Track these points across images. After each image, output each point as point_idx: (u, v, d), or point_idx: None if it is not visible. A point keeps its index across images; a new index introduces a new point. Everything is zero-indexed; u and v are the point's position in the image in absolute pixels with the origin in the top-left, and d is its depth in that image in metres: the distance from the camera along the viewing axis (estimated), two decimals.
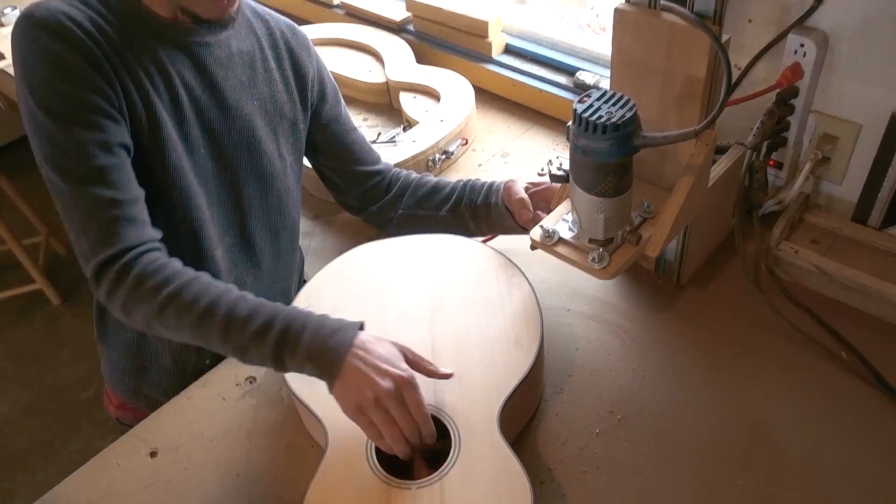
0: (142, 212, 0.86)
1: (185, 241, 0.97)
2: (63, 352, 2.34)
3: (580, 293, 1.06)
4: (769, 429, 0.88)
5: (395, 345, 0.80)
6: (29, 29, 0.82)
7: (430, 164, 1.30)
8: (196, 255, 0.98)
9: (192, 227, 0.96)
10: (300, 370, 0.79)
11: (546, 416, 0.91)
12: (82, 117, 0.82)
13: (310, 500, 0.76)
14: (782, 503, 0.81)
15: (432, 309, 0.94)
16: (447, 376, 0.83)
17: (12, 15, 1.93)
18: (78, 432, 2.11)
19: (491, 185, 1.07)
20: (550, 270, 1.09)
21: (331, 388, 0.78)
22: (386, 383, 0.75)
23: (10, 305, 2.50)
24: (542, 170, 1.26)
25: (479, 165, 1.34)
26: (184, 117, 0.92)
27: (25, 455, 2.07)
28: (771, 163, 1.07)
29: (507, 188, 1.03)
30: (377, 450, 0.80)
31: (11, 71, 1.73)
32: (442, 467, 0.77)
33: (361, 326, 0.81)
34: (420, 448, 0.79)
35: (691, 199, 0.88)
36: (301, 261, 1.18)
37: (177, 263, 0.86)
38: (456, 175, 1.32)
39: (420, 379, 0.79)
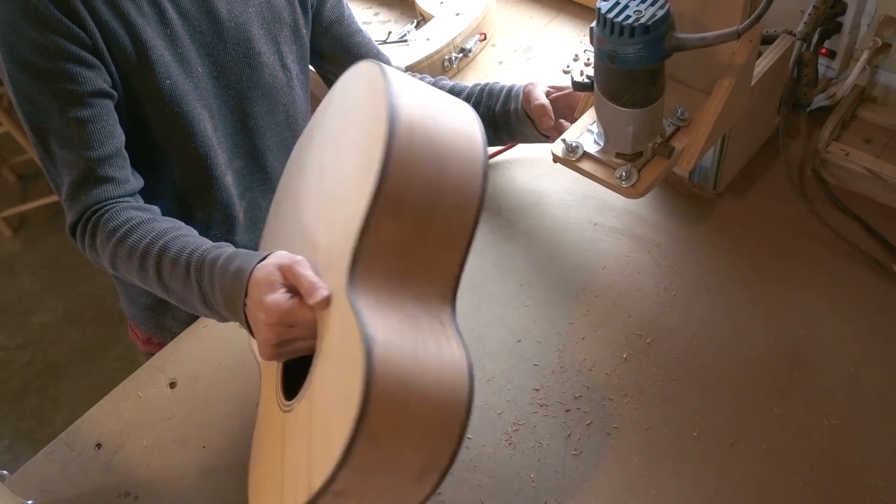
0: (114, 167, 0.83)
1: (192, 169, 0.92)
2: None
3: (608, 205, 0.99)
4: (810, 351, 0.82)
5: (275, 267, 0.69)
6: None
7: (445, 64, 1.20)
8: (206, 184, 0.94)
9: (199, 155, 0.91)
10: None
11: (571, 340, 0.87)
12: (52, 68, 0.78)
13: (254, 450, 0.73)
14: (821, 433, 0.77)
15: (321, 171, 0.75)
16: (324, 301, 0.64)
17: None
18: (116, 340, 2.16)
19: (510, 89, 0.98)
20: (575, 180, 1.01)
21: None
22: (266, 330, 0.68)
23: (40, 215, 2.51)
24: (567, 67, 1.16)
25: (500, 63, 1.24)
26: (175, 36, 0.85)
27: (68, 363, 2.14)
28: (823, 51, 0.96)
29: (527, 93, 0.94)
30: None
31: None
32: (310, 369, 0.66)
33: (252, 270, 0.70)
34: None
35: (731, 103, 0.79)
36: None
37: (134, 212, 0.82)
38: (474, 75, 1.23)
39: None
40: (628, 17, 0.68)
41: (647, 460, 0.77)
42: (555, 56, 1.22)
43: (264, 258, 0.71)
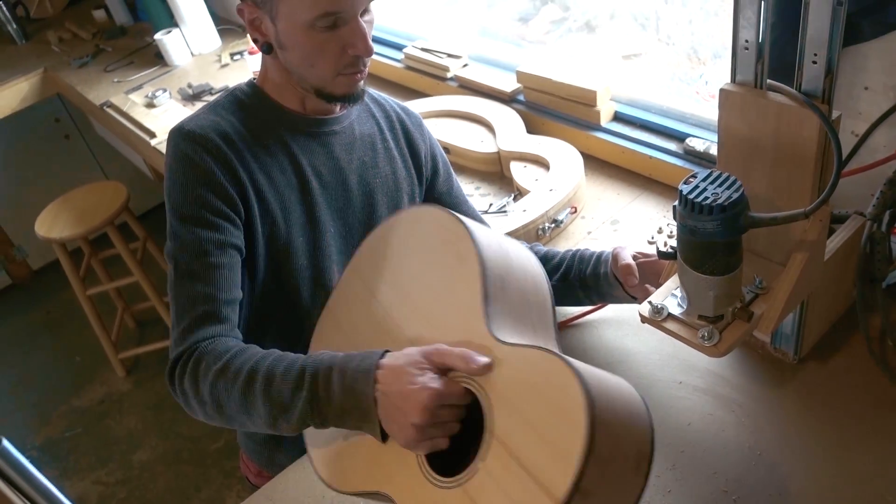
0: (232, 312, 0.91)
1: (315, 314, 1.03)
2: None
3: (692, 365, 1.05)
4: None
5: (417, 354, 0.76)
6: (177, 138, 0.94)
7: (539, 232, 1.33)
8: (299, 333, 1.03)
9: (323, 300, 1.02)
10: (339, 423, 0.80)
11: (657, 493, 0.90)
12: (203, 217, 0.91)
13: None
14: None
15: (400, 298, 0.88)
16: (487, 364, 0.72)
17: (163, 97, 2.14)
18: (208, 481, 2.24)
19: (600, 255, 1.08)
20: (661, 341, 1.08)
21: (382, 438, 0.78)
22: (418, 416, 0.72)
23: (152, 358, 2.71)
24: (652, 238, 1.26)
25: (589, 233, 1.36)
26: (314, 201, 1.00)
27: (160, 500, 2.22)
28: (894, 231, 1.03)
29: (615, 255, 1.04)
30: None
31: (162, 148, 1.93)
32: (487, 427, 0.71)
33: (378, 362, 0.77)
34: None
35: (806, 274, 0.86)
36: None
37: (237, 341, 0.89)
38: (565, 243, 1.35)
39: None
40: (707, 198, 0.77)
41: None
42: (640, 228, 1.34)
43: (384, 353, 0.78)
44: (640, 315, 0.92)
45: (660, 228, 1.28)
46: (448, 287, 0.82)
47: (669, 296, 0.92)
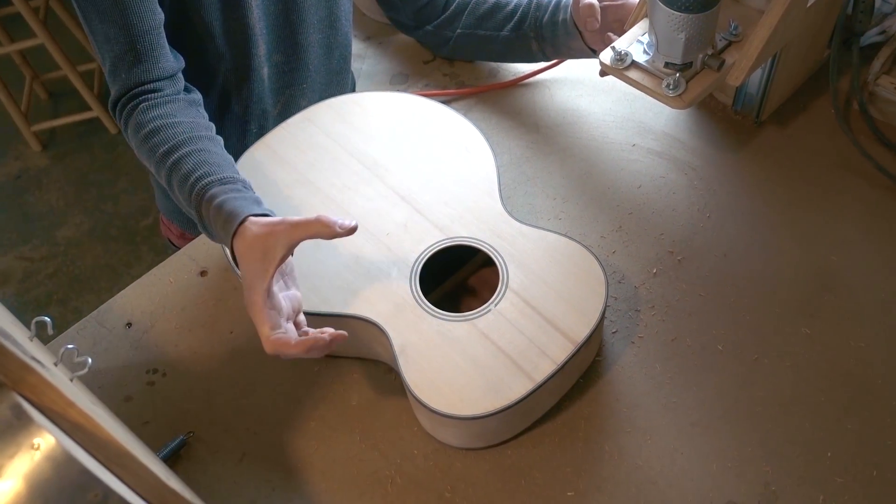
0: (153, 45, 0.81)
1: (232, 58, 0.92)
2: (121, 180, 2.38)
3: (648, 128, 0.98)
4: (842, 276, 0.82)
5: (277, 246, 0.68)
6: None
7: None
8: (244, 74, 0.94)
9: (239, 43, 0.91)
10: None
11: (601, 253, 0.87)
12: None
13: (412, 378, 0.72)
14: (847, 354, 0.77)
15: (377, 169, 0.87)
16: (351, 229, 0.69)
17: None
18: (139, 258, 2.18)
19: (559, 0, 0.97)
20: (617, 102, 1.01)
21: None
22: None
23: (69, 132, 2.52)
24: None
25: None
26: None
27: (90, 277, 2.17)
28: None
29: None
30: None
31: None
32: (501, 279, 0.77)
33: (238, 227, 0.70)
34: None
35: (786, 21, 0.78)
36: (353, 84, 1.12)
37: (165, 107, 0.81)
38: None
39: (404, 216, 0.80)
40: None
41: (670, 369, 0.78)
42: None
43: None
44: (601, 63, 0.83)
45: None
46: (456, 168, 0.85)
47: (635, 42, 0.83)
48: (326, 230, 0.68)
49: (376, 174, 0.86)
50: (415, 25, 1.06)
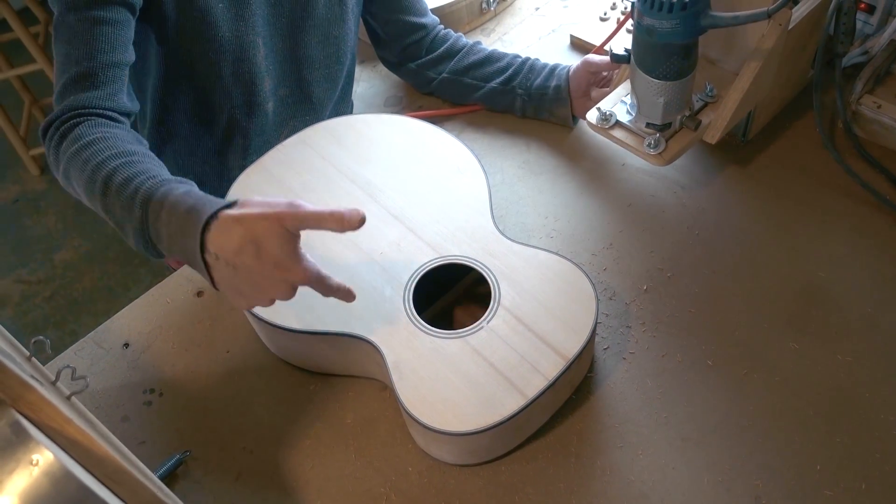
0: (113, 77, 0.78)
1: (237, 95, 0.94)
2: None
3: None
4: (829, 292, 0.84)
5: (274, 214, 0.62)
6: None
7: (483, 6, 1.21)
8: (248, 110, 0.96)
9: (247, 81, 0.93)
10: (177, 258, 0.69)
11: (592, 270, 0.88)
12: None
13: (406, 395, 0.72)
14: (835, 368, 0.78)
15: (370, 189, 0.88)
16: (363, 219, 0.66)
17: None
18: (137, 281, 2.19)
19: (554, 67, 1.00)
20: None
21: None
22: (257, 299, 0.65)
23: None
24: (605, 14, 1.17)
25: (537, 9, 1.25)
26: None
27: (88, 300, 2.17)
28: (862, 6, 0.96)
29: (586, 59, 0.98)
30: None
31: None
32: (494, 297, 0.77)
33: (209, 221, 0.63)
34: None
35: (757, 83, 0.82)
36: (351, 109, 1.14)
37: (109, 129, 0.75)
38: (511, 20, 1.24)
39: (398, 235, 0.80)
40: None
41: (661, 385, 0.79)
42: (592, 4, 1.23)
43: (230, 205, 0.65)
44: (588, 122, 0.88)
45: (613, 4, 1.18)
46: (449, 188, 0.86)
47: (619, 103, 0.87)
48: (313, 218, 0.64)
49: (370, 194, 0.87)
50: (398, 62, 1.09)
